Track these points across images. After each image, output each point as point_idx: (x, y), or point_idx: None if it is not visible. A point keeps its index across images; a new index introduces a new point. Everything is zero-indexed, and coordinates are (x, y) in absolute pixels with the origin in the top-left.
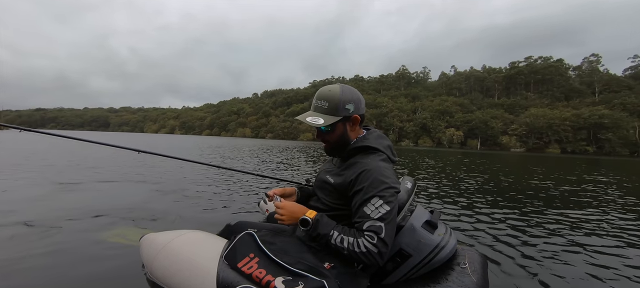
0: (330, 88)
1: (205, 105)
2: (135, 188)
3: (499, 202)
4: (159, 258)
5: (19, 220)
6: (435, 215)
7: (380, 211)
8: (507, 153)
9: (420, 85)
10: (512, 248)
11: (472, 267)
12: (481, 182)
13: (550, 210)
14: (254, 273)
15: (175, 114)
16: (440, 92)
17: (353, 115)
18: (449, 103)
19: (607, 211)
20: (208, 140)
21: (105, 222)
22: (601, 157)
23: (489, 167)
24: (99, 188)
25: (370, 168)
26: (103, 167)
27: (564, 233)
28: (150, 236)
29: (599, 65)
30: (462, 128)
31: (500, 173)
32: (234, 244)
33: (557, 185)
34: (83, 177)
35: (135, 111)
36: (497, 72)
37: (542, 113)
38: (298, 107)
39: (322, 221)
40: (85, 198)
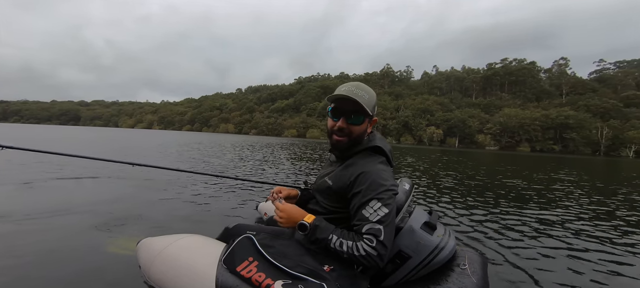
0: (365, 86)
1: (185, 99)
2: (131, 192)
3: (482, 200)
4: (157, 262)
5: (12, 222)
6: (433, 216)
7: (379, 214)
8: (483, 151)
9: (404, 83)
10: (506, 248)
11: (472, 268)
12: (461, 180)
13: (532, 208)
14: (253, 276)
15: (154, 108)
16: (422, 91)
17: (374, 118)
18: (430, 102)
19: (594, 211)
20: (188, 136)
21: (101, 226)
22: (566, 156)
23: (470, 165)
24: (93, 191)
25: (367, 171)
26: (95, 168)
27: (554, 233)
28: (147, 241)
29: (567, 68)
30: (442, 126)
31: (481, 172)
32: (233, 248)
33: (532, 183)
34: (75, 179)
35: (109, 105)
36: (475, 72)
37: (514, 113)
38: (283, 103)
39: (320, 226)
40: (79, 202)
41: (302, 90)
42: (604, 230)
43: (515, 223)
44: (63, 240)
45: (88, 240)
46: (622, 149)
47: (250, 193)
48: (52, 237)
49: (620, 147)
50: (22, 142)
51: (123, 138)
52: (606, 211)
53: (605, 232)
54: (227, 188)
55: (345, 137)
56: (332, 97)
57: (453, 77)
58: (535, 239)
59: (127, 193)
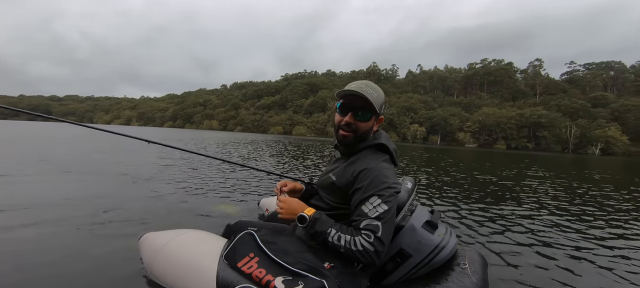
0: (374, 84)
1: (167, 95)
2: (132, 187)
3: (477, 198)
4: (159, 257)
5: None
6: (435, 215)
7: (378, 210)
8: (463, 149)
9: (389, 82)
10: (506, 248)
11: (472, 267)
12: (440, 175)
13: (517, 204)
14: (254, 272)
15: (133, 104)
16: (406, 90)
17: (381, 116)
18: (414, 100)
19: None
20: (168, 132)
21: (103, 220)
22: (539, 153)
23: (450, 161)
24: (95, 185)
25: (371, 168)
26: (94, 162)
27: (550, 231)
28: (150, 235)
29: (541, 69)
30: (425, 124)
31: (459, 168)
32: (234, 244)
33: (506, 179)
34: (76, 174)
35: (83, 100)
36: (457, 72)
37: (492, 112)
38: (269, 99)
39: (320, 219)
40: (81, 195)
41: (289, 87)
42: (597, 227)
43: (497, 218)
44: (61, 233)
45: (88, 234)
46: (589, 147)
47: (253, 188)
48: (48, 233)
49: (587, 145)
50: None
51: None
52: (587, 210)
53: (600, 229)
54: (229, 183)
55: (351, 132)
56: (342, 93)
57: (436, 76)
58: (527, 235)
59: (126, 187)
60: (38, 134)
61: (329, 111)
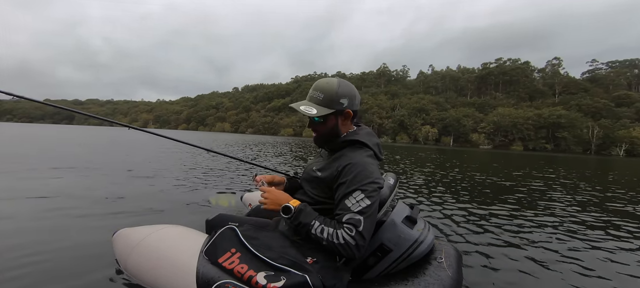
0: (328, 80)
1: (181, 98)
2: (106, 181)
3: (469, 197)
4: (135, 254)
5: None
6: (415, 210)
7: (361, 205)
8: (477, 150)
9: (400, 83)
10: (483, 243)
11: (448, 261)
12: (453, 178)
13: (516, 205)
14: (236, 268)
15: (149, 107)
16: (418, 90)
17: (346, 110)
18: (426, 101)
19: (573, 208)
20: (181, 135)
21: (74, 215)
22: (558, 154)
23: (461, 163)
24: (64, 180)
25: (355, 162)
26: (65, 156)
27: (529, 228)
28: (125, 231)
29: (560, 68)
30: (437, 125)
31: (474, 170)
32: (215, 239)
33: (512, 180)
34: (45, 169)
35: (103, 103)
36: (470, 72)
37: (508, 112)
38: (279, 102)
39: (305, 210)
40: (49, 190)
41: (299, 89)
42: (585, 224)
43: (492, 218)
44: (27, 229)
45: (58, 229)
46: (613, 148)
47: (235, 183)
48: (14, 230)
49: (611, 146)
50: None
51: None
52: (586, 208)
53: (588, 226)
54: (210, 178)
55: (317, 134)
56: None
57: (448, 76)
58: (505, 233)
59: (99, 183)
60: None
61: None
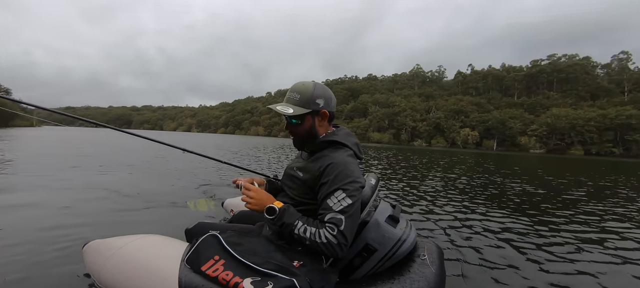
0: (304, 82)
1: (220, 104)
2: (74, 191)
3: (489, 204)
4: (110, 265)
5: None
6: (397, 209)
7: (342, 204)
8: (526, 155)
9: (436, 84)
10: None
11: (431, 258)
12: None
13: (542, 214)
14: (220, 275)
15: (193, 112)
16: (455, 91)
17: (322, 110)
18: (465, 102)
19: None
20: (213, 138)
21: (41, 227)
22: (627, 160)
23: (507, 168)
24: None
25: (336, 162)
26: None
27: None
28: (96, 243)
29: (629, 63)
30: (477, 128)
31: (514, 176)
32: (197, 247)
33: (565, 188)
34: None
35: (155, 109)
36: (517, 70)
37: (564, 113)
38: None
39: (288, 211)
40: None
41: None
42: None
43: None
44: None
45: (25, 243)
46: None
47: (216, 189)
48: None
49: None
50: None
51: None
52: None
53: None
54: (188, 184)
55: (294, 135)
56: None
57: (491, 75)
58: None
59: (68, 195)
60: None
61: (370, 116)
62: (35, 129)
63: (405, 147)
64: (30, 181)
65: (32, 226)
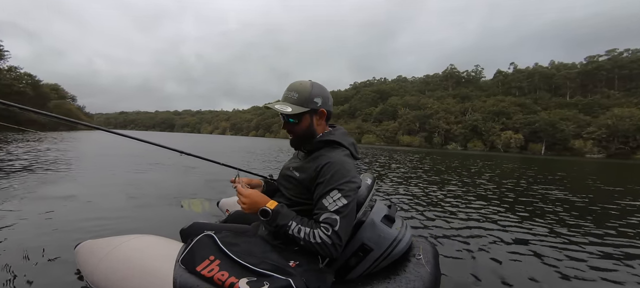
0: (302, 82)
1: (252, 107)
2: (66, 190)
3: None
4: (103, 265)
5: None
6: (392, 209)
7: (338, 204)
8: (580, 160)
9: (472, 84)
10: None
11: (426, 257)
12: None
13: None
14: (216, 276)
15: (227, 116)
16: (495, 92)
17: (320, 109)
18: (506, 103)
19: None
20: (251, 141)
21: (30, 230)
22: None
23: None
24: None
25: (332, 162)
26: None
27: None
28: (89, 243)
29: None
30: (522, 130)
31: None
32: (192, 247)
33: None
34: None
35: (194, 114)
36: (569, 67)
37: (628, 113)
38: (338, 108)
39: (282, 212)
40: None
41: (358, 96)
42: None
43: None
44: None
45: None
46: None
47: (212, 188)
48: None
49: None
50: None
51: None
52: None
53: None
54: (183, 184)
55: (293, 135)
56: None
57: (537, 74)
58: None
59: (59, 195)
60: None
61: (400, 118)
62: (92, 133)
63: (438, 151)
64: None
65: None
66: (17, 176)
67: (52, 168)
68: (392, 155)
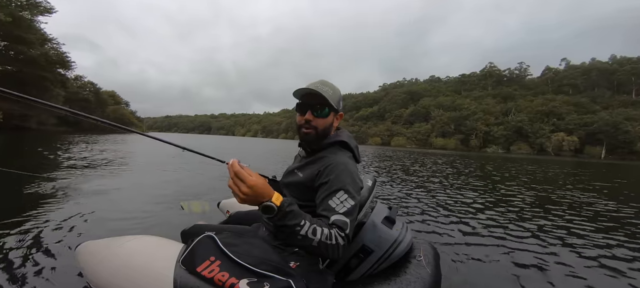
0: (331, 82)
1: (282, 110)
2: (71, 194)
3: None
4: (104, 265)
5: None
6: (393, 211)
7: (346, 205)
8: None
9: (516, 83)
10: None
11: (427, 259)
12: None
13: None
14: (216, 276)
15: (258, 119)
16: (544, 90)
17: (340, 113)
18: (558, 102)
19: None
20: (281, 143)
21: (32, 228)
22: None
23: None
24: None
25: (336, 163)
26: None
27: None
28: (91, 243)
29: None
30: (577, 132)
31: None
32: (192, 247)
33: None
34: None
35: (229, 117)
36: (634, 62)
37: None
38: (367, 110)
39: (294, 211)
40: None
41: (387, 97)
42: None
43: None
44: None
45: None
46: None
47: (212, 189)
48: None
49: None
50: None
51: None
52: None
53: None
54: (184, 186)
55: (312, 129)
56: (298, 93)
57: (595, 70)
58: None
59: (66, 195)
60: None
61: (433, 120)
62: (143, 136)
63: (475, 154)
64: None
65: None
66: (71, 174)
67: (103, 166)
68: (425, 157)
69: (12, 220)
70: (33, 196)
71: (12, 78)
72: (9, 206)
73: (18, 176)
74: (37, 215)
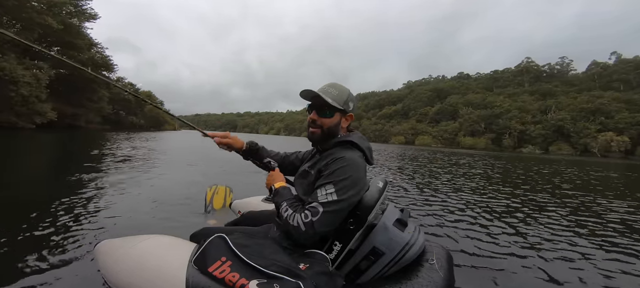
0: (341, 85)
1: (304, 109)
2: (85, 190)
3: None
4: (120, 264)
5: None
6: (405, 213)
7: (327, 198)
8: None
9: (557, 78)
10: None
11: (440, 263)
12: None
13: None
14: (227, 277)
15: (281, 117)
16: (589, 87)
17: (349, 113)
18: (606, 99)
19: None
20: (282, 141)
21: (49, 226)
22: None
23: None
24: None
25: (339, 157)
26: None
27: None
28: (108, 242)
29: None
30: (628, 132)
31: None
32: (204, 248)
33: None
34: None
35: (253, 115)
36: None
37: None
38: (390, 109)
39: (281, 192)
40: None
41: (411, 95)
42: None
43: None
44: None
45: (35, 245)
46: None
47: (236, 180)
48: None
49: None
50: None
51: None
52: None
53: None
54: (200, 185)
55: (318, 129)
56: (303, 95)
57: None
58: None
59: (79, 194)
60: None
61: (461, 118)
62: (175, 132)
63: (508, 155)
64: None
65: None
66: (105, 169)
67: (138, 161)
68: (449, 157)
69: (45, 210)
70: (64, 187)
71: (66, 81)
72: (49, 194)
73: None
74: (65, 208)
